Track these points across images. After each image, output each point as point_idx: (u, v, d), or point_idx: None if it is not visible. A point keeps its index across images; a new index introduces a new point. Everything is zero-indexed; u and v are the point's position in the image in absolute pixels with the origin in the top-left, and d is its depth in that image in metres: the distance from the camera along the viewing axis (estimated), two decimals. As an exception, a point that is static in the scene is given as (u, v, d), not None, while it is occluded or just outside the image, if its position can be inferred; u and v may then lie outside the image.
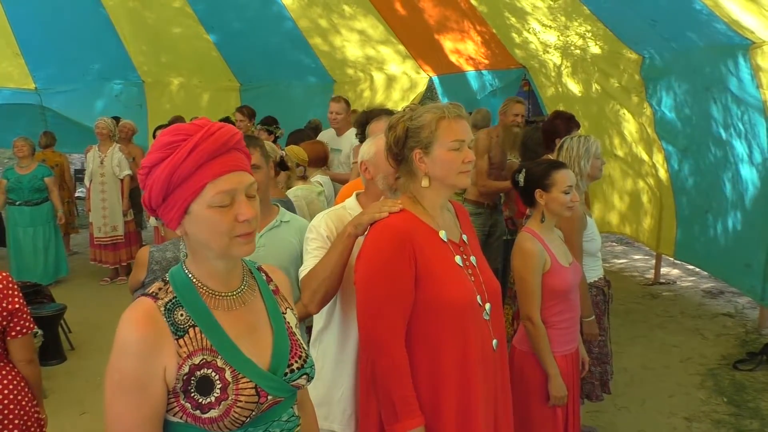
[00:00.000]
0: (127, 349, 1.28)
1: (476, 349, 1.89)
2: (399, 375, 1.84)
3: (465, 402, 1.87)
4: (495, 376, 1.96)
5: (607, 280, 3.48)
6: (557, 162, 2.76)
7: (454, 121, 1.91)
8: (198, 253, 1.39)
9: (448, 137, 1.89)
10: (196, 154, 1.29)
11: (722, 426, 3.88)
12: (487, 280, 2.00)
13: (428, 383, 1.87)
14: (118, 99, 9.20)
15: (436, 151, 1.89)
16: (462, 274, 1.93)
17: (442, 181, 1.92)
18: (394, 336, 1.85)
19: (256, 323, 1.44)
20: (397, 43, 8.62)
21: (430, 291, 1.86)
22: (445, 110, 1.91)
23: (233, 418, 1.31)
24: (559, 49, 6.84)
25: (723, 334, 5.35)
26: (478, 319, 1.92)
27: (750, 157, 4.89)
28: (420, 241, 1.88)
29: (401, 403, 1.83)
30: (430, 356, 1.87)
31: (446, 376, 1.87)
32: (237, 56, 9.15)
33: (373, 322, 1.87)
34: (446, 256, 1.93)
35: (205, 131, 1.31)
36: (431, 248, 1.90)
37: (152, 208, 1.36)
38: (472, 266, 1.99)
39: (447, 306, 1.87)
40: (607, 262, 7.59)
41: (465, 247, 2.02)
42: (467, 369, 1.88)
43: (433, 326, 1.88)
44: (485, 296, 1.95)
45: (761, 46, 4.41)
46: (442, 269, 1.89)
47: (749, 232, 5.11)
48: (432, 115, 1.91)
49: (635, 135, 6.45)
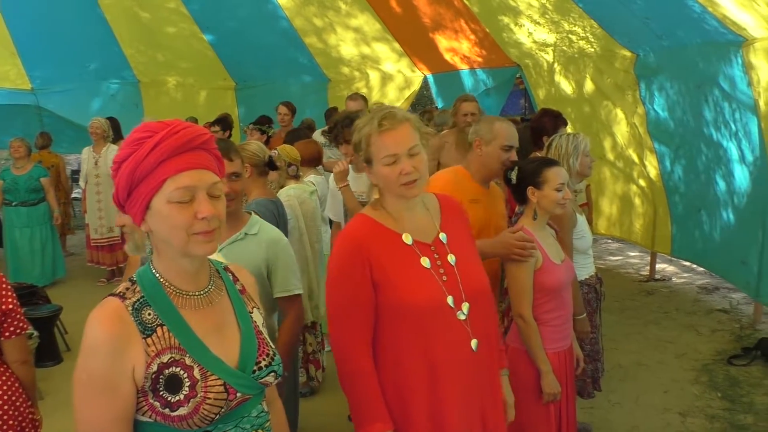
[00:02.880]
0: (96, 349, 1.29)
1: (448, 352, 1.86)
2: (363, 380, 1.86)
3: (437, 406, 1.86)
4: (477, 377, 1.92)
5: (599, 277, 3.49)
6: (549, 159, 2.77)
7: (387, 134, 1.85)
8: (162, 252, 1.40)
9: (381, 153, 1.86)
10: (158, 150, 1.31)
11: (716, 421, 3.90)
12: (469, 279, 1.94)
13: (394, 388, 1.88)
14: (114, 99, 9.20)
15: (375, 167, 1.89)
16: (428, 276, 1.89)
17: (389, 192, 1.92)
18: (356, 342, 1.87)
19: (224, 322, 1.46)
20: (393, 41, 8.65)
21: (389, 296, 1.85)
22: (376, 123, 1.86)
23: (202, 415, 1.32)
24: (551, 47, 6.86)
25: (718, 329, 5.37)
26: (449, 321, 1.88)
27: (742, 155, 4.90)
28: (378, 246, 1.88)
29: (366, 407, 1.86)
30: (395, 361, 1.88)
31: (412, 380, 1.86)
32: (232, 55, 9.18)
33: (336, 328, 1.91)
34: (409, 260, 1.90)
35: (170, 129, 1.34)
36: (391, 253, 1.88)
37: (120, 203, 1.39)
38: (448, 266, 1.93)
39: (407, 310, 1.85)
40: (602, 259, 7.63)
41: (440, 246, 1.96)
42: (437, 373, 1.86)
43: (396, 331, 1.87)
44: (462, 296, 1.90)
45: (753, 43, 4.42)
46: (401, 273, 1.87)
47: (743, 229, 5.14)
48: (366, 129, 1.88)
49: (627, 137, 6.47)
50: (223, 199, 1.41)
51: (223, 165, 1.46)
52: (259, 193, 3.30)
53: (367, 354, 1.87)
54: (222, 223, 1.39)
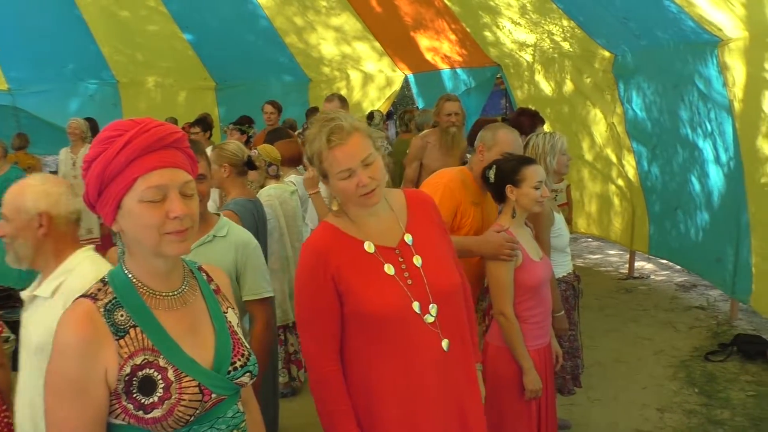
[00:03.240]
0: (67, 351, 1.27)
1: (417, 357, 1.86)
2: (328, 389, 1.87)
3: (410, 411, 1.86)
4: (452, 376, 1.92)
5: (576, 275, 3.53)
6: (527, 158, 2.79)
7: (337, 149, 1.79)
8: (135, 252, 1.39)
9: (335, 168, 1.81)
10: (128, 149, 1.30)
11: (694, 416, 3.95)
12: (436, 280, 1.91)
13: (363, 396, 1.88)
14: (93, 99, 9.12)
15: (331, 181, 1.86)
16: (392, 283, 1.86)
17: (349, 204, 1.90)
18: (321, 351, 1.88)
19: (198, 323, 1.45)
20: (373, 40, 8.65)
21: (354, 306, 1.85)
22: (324, 139, 1.80)
23: (177, 417, 1.31)
24: (531, 47, 6.90)
25: (695, 326, 5.44)
26: (416, 327, 1.86)
27: (717, 155, 4.97)
28: (340, 256, 1.87)
29: (332, 416, 1.87)
30: (364, 369, 1.88)
31: (382, 388, 1.86)
32: (212, 55, 9.13)
33: (304, 337, 1.92)
34: (372, 268, 1.88)
35: (141, 127, 1.32)
36: (354, 262, 1.87)
37: (91, 203, 1.37)
38: (414, 269, 1.90)
39: (372, 320, 1.84)
40: (582, 257, 7.69)
41: (406, 248, 1.93)
42: (407, 379, 1.85)
43: (363, 340, 1.87)
44: (429, 298, 1.88)
45: (728, 43, 4.48)
46: (364, 283, 1.85)
47: (718, 228, 5.21)
48: (316, 145, 1.83)
49: (606, 136, 6.53)
50: (196, 198, 1.39)
51: (196, 164, 1.45)
52: (238, 193, 3.29)
53: (333, 363, 1.88)
54: (195, 222, 1.38)
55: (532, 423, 2.72)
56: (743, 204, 4.69)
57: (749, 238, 4.71)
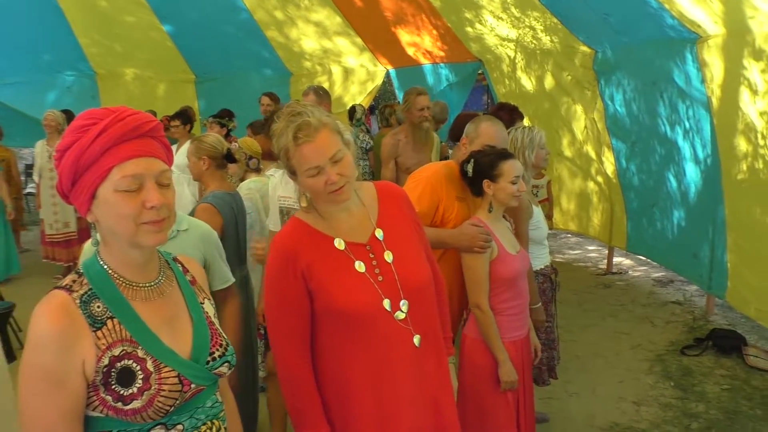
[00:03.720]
0: (43, 344, 1.25)
1: (388, 354, 1.85)
2: (296, 386, 1.86)
3: (384, 408, 1.85)
4: (424, 372, 1.91)
5: (554, 267, 3.56)
6: (505, 152, 2.79)
7: (305, 147, 1.75)
8: (110, 243, 1.37)
9: (303, 166, 1.78)
10: (103, 138, 1.29)
11: (669, 409, 4.00)
12: (407, 275, 1.89)
13: (335, 394, 1.87)
14: (70, 91, 8.97)
15: (300, 178, 1.83)
16: (362, 281, 1.84)
17: (319, 200, 1.87)
18: (290, 350, 1.86)
19: (175, 313, 1.44)
20: (354, 35, 8.62)
21: (324, 304, 1.83)
22: (291, 136, 1.76)
23: (157, 407, 1.30)
24: (513, 42, 6.92)
25: (672, 321, 5.50)
26: (387, 324, 1.84)
27: (694, 152, 5.02)
28: (310, 253, 1.84)
29: (302, 413, 1.86)
30: (335, 367, 1.87)
31: (354, 385, 1.85)
32: (192, 48, 9.04)
33: (273, 335, 1.90)
34: (342, 265, 1.85)
35: (116, 116, 1.31)
36: (324, 259, 1.85)
37: (64, 193, 1.35)
38: (384, 265, 1.88)
39: (342, 318, 1.83)
40: (561, 253, 7.75)
41: (376, 244, 1.91)
42: (379, 375, 1.84)
43: (334, 337, 1.86)
44: (400, 294, 1.86)
45: (707, 40, 4.52)
46: (335, 280, 1.83)
47: (695, 224, 5.27)
48: (283, 142, 1.79)
49: (586, 133, 6.57)
50: (172, 188, 1.38)
51: (171, 153, 1.43)
52: (217, 186, 3.27)
53: (302, 361, 1.87)
54: (172, 212, 1.37)
55: (511, 414, 2.73)
56: (720, 201, 4.75)
57: (725, 234, 4.78)
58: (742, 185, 4.50)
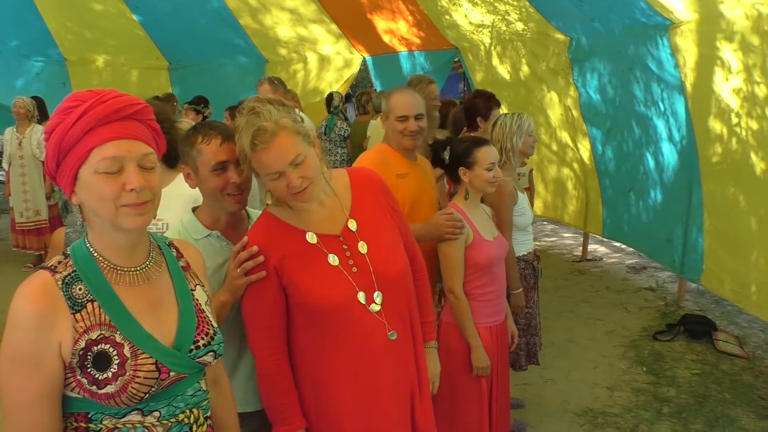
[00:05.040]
0: (20, 324, 1.25)
1: (369, 345, 1.84)
2: (272, 383, 1.86)
3: (363, 401, 1.85)
4: (399, 363, 1.90)
5: (536, 254, 3.57)
6: (480, 139, 2.79)
7: (263, 153, 1.71)
8: (95, 225, 1.37)
9: (263, 171, 1.75)
10: (84, 120, 1.28)
11: (641, 394, 4.06)
12: (382, 266, 1.87)
13: (312, 388, 1.87)
14: (39, 77, 8.77)
15: (263, 179, 1.79)
16: (336, 274, 1.83)
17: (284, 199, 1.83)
18: (265, 345, 1.85)
19: (161, 299, 1.42)
20: (330, 23, 8.54)
21: (298, 299, 1.82)
22: (248, 142, 1.71)
23: (131, 394, 1.29)
24: (488, 28, 6.91)
25: (645, 307, 5.58)
26: (361, 316, 1.83)
27: (670, 134, 5.07)
28: (283, 248, 1.82)
29: (277, 408, 1.86)
30: (311, 362, 1.86)
31: (331, 378, 1.84)
32: (164, 35, 8.88)
33: (248, 331, 1.88)
34: (315, 259, 1.83)
35: (99, 98, 1.30)
36: (297, 254, 1.83)
37: (51, 175, 1.36)
38: (359, 256, 1.86)
39: (317, 312, 1.81)
40: (537, 240, 7.79)
41: (350, 235, 1.88)
42: (358, 368, 1.84)
43: (310, 331, 1.84)
44: (374, 286, 1.84)
45: (680, 26, 4.55)
46: (308, 275, 1.81)
47: (670, 208, 5.33)
48: (241, 145, 1.74)
49: (561, 120, 6.61)
50: (157, 171, 1.36)
51: (162, 138, 1.42)
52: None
53: (277, 355, 1.86)
54: (155, 195, 1.35)
55: (483, 399, 2.75)
56: (696, 182, 4.80)
57: (701, 217, 4.83)
58: (717, 167, 4.56)
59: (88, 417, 1.32)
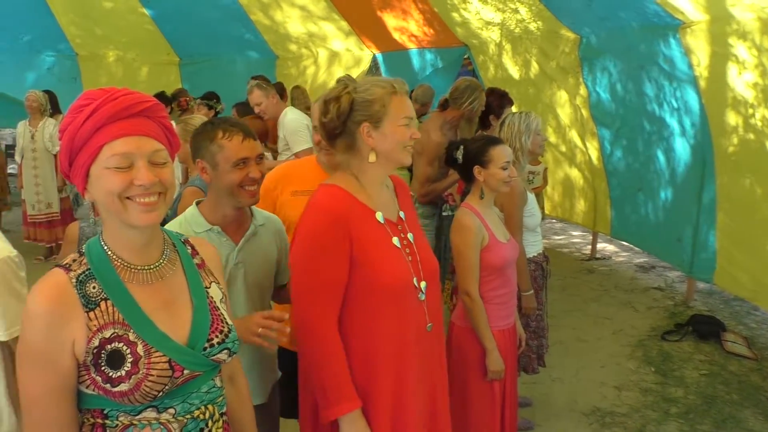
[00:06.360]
0: (34, 321, 1.27)
1: (411, 332, 1.88)
2: (330, 359, 1.80)
3: (400, 385, 1.86)
4: (431, 357, 1.95)
5: (545, 255, 3.56)
6: (494, 138, 2.79)
7: (405, 97, 1.88)
8: (108, 223, 1.38)
9: (400, 113, 1.85)
10: (94, 117, 1.30)
11: (649, 394, 4.07)
12: (425, 259, 1.96)
13: (363, 367, 1.84)
14: (51, 72, 8.84)
15: (386, 127, 1.84)
16: (399, 255, 1.89)
17: (388, 156, 1.87)
18: (326, 320, 1.81)
19: (175, 297, 1.43)
20: (340, 20, 8.55)
21: (367, 275, 1.82)
22: (395, 86, 1.86)
23: (144, 392, 1.30)
24: (498, 26, 6.90)
25: (653, 306, 5.58)
26: (414, 301, 1.89)
27: (683, 129, 5.06)
28: (356, 223, 1.83)
29: (334, 387, 1.80)
30: (366, 340, 1.84)
31: (382, 359, 1.84)
32: (175, 31, 8.92)
33: (306, 306, 1.83)
34: (383, 238, 1.88)
35: (109, 96, 1.32)
36: (368, 230, 1.85)
37: (66, 173, 1.37)
38: (410, 245, 1.94)
39: (383, 290, 1.83)
40: (546, 238, 7.79)
41: (403, 224, 1.96)
42: (403, 352, 1.86)
43: (370, 310, 1.84)
44: (421, 275, 1.91)
45: (691, 26, 4.54)
46: (378, 252, 1.85)
47: (680, 208, 5.32)
48: (382, 90, 1.84)
49: (571, 119, 6.60)
50: (168, 167, 1.37)
51: (174, 135, 1.42)
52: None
53: (336, 333, 1.82)
54: (167, 190, 1.36)
55: (496, 403, 2.74)
56: (710, 178, 4.80)
57: (714, 213, 4.82)
58: (733, 157, 4.55)
59: (104, 413, 1.34)
